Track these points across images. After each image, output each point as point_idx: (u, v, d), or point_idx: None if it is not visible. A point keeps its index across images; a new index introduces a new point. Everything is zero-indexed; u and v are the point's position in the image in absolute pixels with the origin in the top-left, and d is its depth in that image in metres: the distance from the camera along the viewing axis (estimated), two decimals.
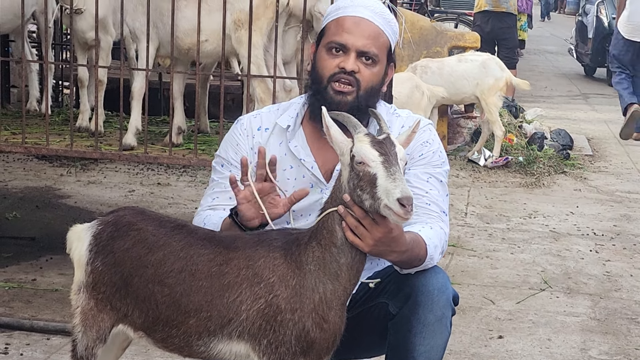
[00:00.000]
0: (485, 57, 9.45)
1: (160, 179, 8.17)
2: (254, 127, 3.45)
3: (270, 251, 2.99)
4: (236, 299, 2.96)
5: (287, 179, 3.37)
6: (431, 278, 3.25)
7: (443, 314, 3.26)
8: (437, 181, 3.35)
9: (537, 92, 15.39)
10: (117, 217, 3.18)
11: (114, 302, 3.12)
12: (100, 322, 3.15)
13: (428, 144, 3.38)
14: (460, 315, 5.34)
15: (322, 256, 2.94)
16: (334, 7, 3.38)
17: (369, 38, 3.27)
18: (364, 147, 2.82)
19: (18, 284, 5.47)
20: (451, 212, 7.52)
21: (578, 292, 5.91)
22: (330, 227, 2.94)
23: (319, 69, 3.32)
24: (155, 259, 3.05)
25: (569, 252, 6.75)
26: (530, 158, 9.45)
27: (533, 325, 5.31)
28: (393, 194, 2.73)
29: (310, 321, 2.95)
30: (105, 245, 3.13)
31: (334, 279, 2.95)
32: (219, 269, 2.99)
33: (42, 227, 6.60)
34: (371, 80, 3.30)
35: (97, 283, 3.13)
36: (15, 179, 7.94)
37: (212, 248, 3.03)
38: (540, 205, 8.07)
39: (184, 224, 3.15)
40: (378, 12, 3.32)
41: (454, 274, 6.09)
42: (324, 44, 3.31)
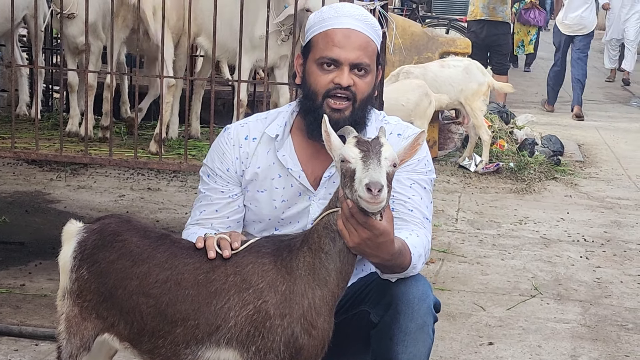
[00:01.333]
0: (467, 63, 9.43)
1: (151, 184, 8.15)
2: (241, 137, 3.43)
3: (259, 257, 2.98)
4: (224, 306, 2.95)
5: (275, 188, 3.37)
6: (412, 286, 3.25)
7: (424, 322, 3.25)
8: (421, 188, 3.34)
9: (528, 98, 15.40)
10: (102, 226, 3.17)
11: (100, 311, 3.11)
12: (84, 330, 3.13)
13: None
14: (450, 321, 5.34)
15: (312, 262, 2.95)
16: (317, 18, 3.34)
17: (360, 49, 3.26)
18: (348, 147, 2.86)
19: (6, 289, 5.45)
20: (442, 217, 7.55)
21: (568, 299, 5.90)
22: (320, 233, 2.94)
23: (311, 85, 3.29)
24: (140, 271, 3.04)
25: (559, 259, 6.74)
26: (521, 164, 9.45)
27: (523, 331, 5.30)
28: (362, 182, 2.76)
29: (299, 327, 2.94)
30: (90, 254, 3.12)
31: (322, 285, 2.95)
32: (205, 277, 2.98)
33: (32, 232, 6.57)
34: (366, 90, 3.30)
35: (82, 291, 3.12)
36: (4, 184, 7.91)
37: (197, 257, 3.03)
38: (531, 211, 8.06)
39: (167, 235, 3.14)
40: (362, 19, 3.31)
41: (445, 280, 6.08)
42: (314, 59, 3.29)
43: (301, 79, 3.37)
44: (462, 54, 10.18)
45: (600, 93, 16.72)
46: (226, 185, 3.39)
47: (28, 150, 5.41)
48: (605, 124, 13.16)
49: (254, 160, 3.38)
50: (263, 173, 3.35)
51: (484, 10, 12.12)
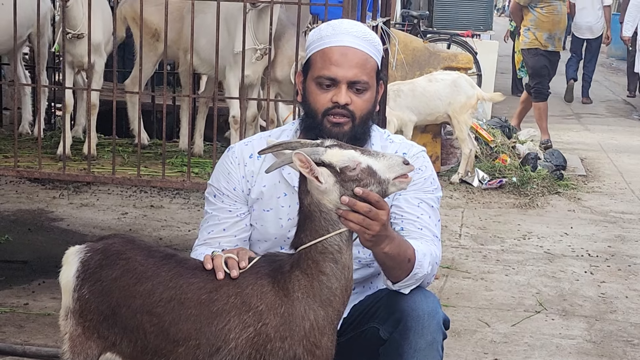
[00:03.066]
0: (455, 76, 9.41)
1: (154, 202, 8.14)
2: (246, 155, 3.44)
3: (258, 278, 2.97)
4: (224, 327, 2.94)
5: (281, 207, 3.37)
6: (421, 302, 3.25)
7: (434, 338, 3.25)
8: (429, 206, 3.35)
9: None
10: (106, 245, 3.17)
11: (102, 330, 3.10)
12: (88, 349, 3.13)
13: (420, 171, 3.40)
14: (455, 338, 5.32)
15: (310, 284, 2.92)
16: (315, 36, 3.35)
17: (357, 67, 3.26)
18: (343, 153, 2.87)
19: (10, 309, 5.44)
20: (445, 233, 7.53)
21: (573, 314, 5.89)
22: (314, 257, 2.92)
23: (311, 103, 3.31)
24: (144, 289, 3.03)
25: (563, 274, 6.72)
26: (523, 179, 9.43)
27: (529, 348, 5.28)
28: (395, 164, 2.89)
29: (301, 349, 2.93)
30: (92, 273, 3.11)
31: (326, 305, 2.94)
32: (208, 297, 2.97)
33: (35, 251, 6.57)
34: (365, 108, 3.31)
35: (84, 310, 3.11)
36: (7, 202, 7.91)
37: (202, 276, 3.02)
38: (535, 226, 8.05)
39: (173, 254, 3.13)
40: (361, 36, 3.31)
41: (449, 296, 6.06)
42: (313, 77, 3.30)
43: (302, 96, 3.38)
44: (464, 69, 10.20)
45: (601, 107, 16.71)
46: (234, 204, 3.39)
47: (31, 169, 5.41)
48: (607, 137, 13.15)
49: (259, 179, 3.38)
50: (269, 192, 3.35)
51: (550, 42, 11.52)
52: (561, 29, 11.66)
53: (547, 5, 11.32)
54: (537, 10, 11.36)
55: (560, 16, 11.43)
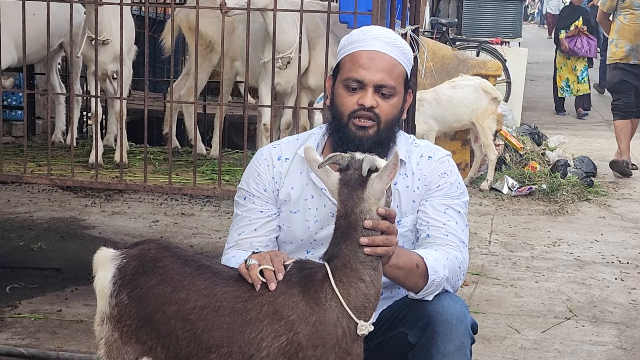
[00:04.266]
0: (478, 81, 9.40)
1: (184, 209, 8.20)
2: (274, 157, 3.48)
3: (289, 287, 2.98)
4: (257, 336, 2.96)
5: (308, 209, 3.39)
6: (449, 307, 3.27)
7: (462, 343, 3.27)
8: (455, 212, 3.37)
9: (560, 119, 15.36)
10: (142, 251, 3.19)
11: (140, 335, 3.13)
12: (125, 354, 3.15)
13: (446, 175, 3.41)
14: (485, 344, 5.32)
15: (347, 292, 2.93)
16: (346, 41, 3.39)
17: (384, 71, 3.29)
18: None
19: (44, 315, 5.49)
20: (474, 240, 7.53)
21: (604, 321, 5.87)
22: (354, 266, 2.93)
23: (338, 105, 3.35)
24: (179, 297, 3.06)
25: (594, 280, 6.70)
26: (553, 185, 9.41)
27: (559, 354, 5.27)
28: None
29: (333, 355, 2.94)
30: (131, 279, 3.13)
31: (360, 312, 2.95)
32: (243, 305, 2.99)
33: (67, 258, 6.62)
34: (390, 113, 3.33)
35: (122, 316, 3.14)
36: (40, 210, 7.99)
37: (237, 285, 3.03)
38: (565, 233, 8.03)
39: (208, 265, 3.15)
40: (391, 42, 3.35)
41: (479, 303, 6.06)
42: (341, 80, 3.35)
43: (330, 100, 3.42)
44: (493, 76, 10.19)
45: None
46: (264, 205, 3.42)
47: (64, 177, 5.46)
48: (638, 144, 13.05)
49: (287, 181, 3.41)
50: (296, 194, 3.38)
51: (632, 54, 10.52)
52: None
53: (630, 13, 10.42)
54: (620, 18, 10.51)
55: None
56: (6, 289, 5.90)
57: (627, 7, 10.34)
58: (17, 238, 7.09)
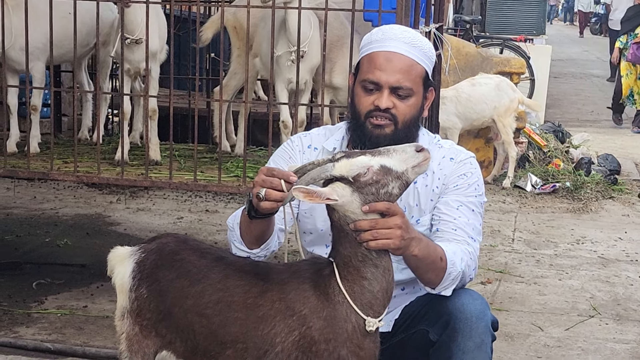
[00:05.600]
0: (497, 80, 9.40)
1: (209, 206, 8.24)
2: (305, 145, 3.53)
3: (300, 283, 3.01)
4: (270, 331, 2.99)
5: None
6: (469, 304, 3.28)
7: (482, 340, 3.27)
8: (469, 210, 3.37)
9: (584, 116, 15.31)
10: (160, 245, 3.23)
11: (159, 328, 3.17)
12: (145, 347, 3.19)
13: (465, 177, 3.42)
14: (508, 342, 5.33)
15: (352, 289, 2.95)
16: (366, 41, 3.41)
17: (400, 72, 3.30)
18: (351, 163, 2.88)
19: (70, 311, 5.55)
20: (498, 238, 7.55)
21: (628, 319, 5.86)
22: (355, 265, 2.95)
23: (356, 104, 3.38)
24: (196, 290, 3.09)
25: (617, 278, 6.70)
26: (577, 183, 9.39)
27: (582, 352, 5.28)
28: (409, 156, 2.88)
29: (345, 350, 2.96)
30: (150, 273, 3.17)
31: (367, 308, 2.96)
32: (254, 301, 3.02)
33: (93, 254, 6.67)
34: (408, 113, 3.34)
35: (142, 310, 3.17)
36: (65, 207, 8.05)
37: (248, 279, 3.06)
38: (588, 231, 8.02)
39: (223, 256, 3.18)
40: (409, 42, 3.35)
41: (502, 301, 6.07)
42: (359, 80, 3.37)
43: (350, 95, 3.45)
44: (517, 74, 10.18)
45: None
46: None
47: (90, 174, 5.50)
48: None
49: None
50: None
51: None
52: None
53: None
54: None
55: None
56: (33, 284, 5.97)
57: None
58: (43, 234, 7.16)
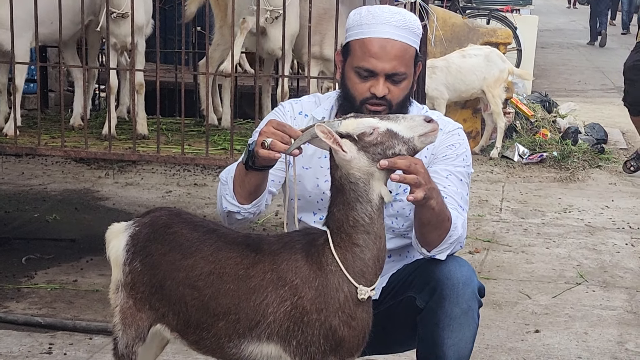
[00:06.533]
0: (487, 50, 9.42)
1: (197, 180, 8.24)
2: (296, 111, 3.54)
3: (292, 254, 3.01)
4: (262, 302, 2.99)
5: (320, 167, 3.43)
6: (456, 271, 3.30)
7: (469, 306, 3.30)
8: (457, 179, 3.39)
9: (571, 86, 15.33)
10: (153, 219, 3.24)
11: (153, 302, 3.17)
12: (139, 321, 3.20)
13: (453, 147, 3.44)
14: (496, 310, 5.37)
15: (344, 257, 2.96)
16: (355, 21, 3.37)
17: (395, 59, 3.30)
18: (358, 122, 2.91)
19: (60, 285, 5.56)
20: (486, 207, 7.58)
21: (614, 286, 5.90)
22: (347, 231, 2.95)
23: (350, 89, 3.36)
24: (187, 263, 3.10)
25: (604, 246, 6.74)
26: (564, 153, 9.43)
27: (569, 319, 5.32)
28: (417, 124, 2.89)
29: (337, 320, 2.97)
30: (143, 246, 3.18)
31: (359, 277, 2.97)
32: (245, 272, 3.02)
33: (82, 229, 6.68)
34: (402, 95, 3.36)
35: (135, 283, 3.18)
36: (54, 182, 8.05)
37: (240, 251, 3.07)
38: (575, 199, 8.06)
39: (215, 229, 3.18)
40: (400, 25, 3.32)
41: (490, 269, 6.11)
42: (352, 66, 3.34)
43: (341, 76, 3.43)
44: (503, 44, 10.16)
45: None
46: None
47: (78, 148, 5.51)
48: None
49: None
50: (311, 150, 3.36)
51: None
52: None
53: None
54: None
55: None
56: (22, 259, 5.98)
57: None
58: (32, 210, 7.16)
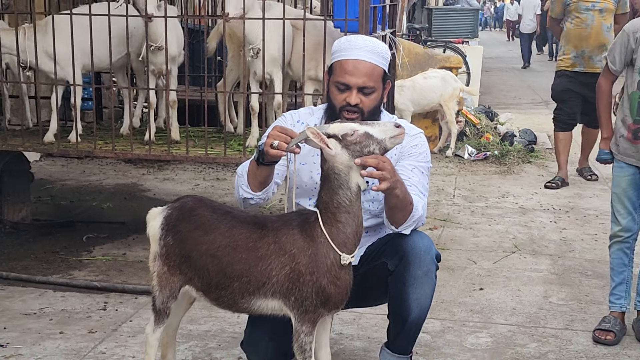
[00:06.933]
0: (443, 73, 9.40)
1: (219, 175, 8.24)
2: (295, 119, 3.54)
3: (290, 229, 3.04)
4: (267, 267, 3.01)
5: (314, 162, 3.44)
6: (419, 242, 3.33)
7: (429, 269, 3.33)
8: (419, 172, 3.41)
9: (508, 100, 15.27)
10: (182, 204, 3.26)
11: (182, 268, 3.19)
12: (172, 283, 3.22)
13: (417, 147, 3.46)
14: (450, 273, 5.38)
15: (330, 231, 2.98)
16: (336, 48, 3.41)
17: (365, 76, 3.31)
18: (342, 125, 2.93)
19: (112, 257, 5.57)
20: (441, 194, 7.57)
21: (541, 254, 5.91)
22: (332, 210, 2.97)
23: (332, 100, 3.39)
24: (209, 238, 3.11)
25: (533, 223, 6.74)
26: (503, 152, 9.41)
27: (506, 279, 5.33)
28: (388, 129, 2.91)
29: (325, 280, 2.99)
30: (174, 225, 3.19)
31: (342, 246, 2.99)
32: (254, 244, 3.04)
33: (129, 214, 6.68)
34: (372, 105, 3.37)
35: (169, 254, 3.20)
36: (108, 178, 8.04)
37: (249, 228, 3.09)
38: (511, 187, 8.05)
39: (230, 211, 3.21)
40: (370, 49, 3.35)
41: (445, 242, 6.11)
42: (333, 82, 3.37)
43: (327, 91, 3.45)
44: (455, 68, 10.16)
45: None
46: None
47: (125, 151, 5.50)
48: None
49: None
50: (306, 149, 3.37)
51: (578, 61, 7.80)
52: (591, 46, 7.69)
53: (575, 17, 7.79)
54: (567, 23, 7.87)
55: (589, 31, 7.67)
56: (83, 238, 5.99)
57: (573, 11, 7.76)
58: (91, 200, 7.16)
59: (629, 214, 4.32)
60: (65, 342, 4.18)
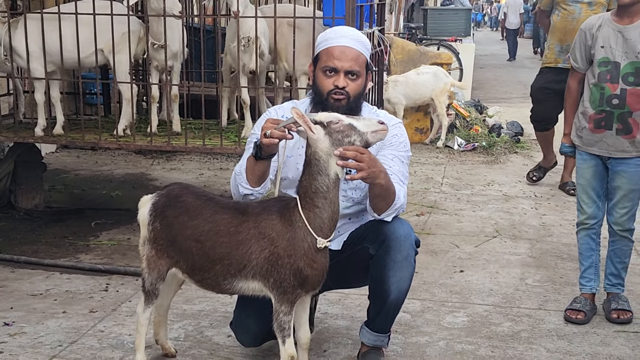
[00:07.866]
0: (435, 69, 9.35)
1: (222, 165, 8.20)
2: (279, 114, 3.49)
3: (269, 214, 3.01)
4: (248, 251, 2.99)
5: (299, 155, 3.39)
6: (399, 228, 3.29)
7: (408, 254, 3.30)
8: (400, 161, 3.37)
9: (500, 95, 15.20)
10: (168, 191, 3.24)
11: (169, 251, 3.17)
12: (159, 266, 3.20)
13: (396, 137, 3.42)
14: (433, 256, 5.33)
15: (308, 216, 2.95)
16: (322, 38, 3.39)
17: (352, 60, 3.29)
18: (329, 114, 2.92)
19: (117, 242, 5.55)
20: (430, 182, 7.52)
21: (520, 238, 5.86)
22: (310, 196, 2.94)
23: (319, 86, 3.34)
24: (193, 223, 3.09)
25: (515, 209, 6.69)
26: (490, 143, 9.36)
27: (486, 262, 5.28)
28: (372, 124, 2.89)
29: (302, 262, 2.96)
30: (161, 211, 3.17)
31: (318, 231, 2.96)
32: (235, 229, 3.02)
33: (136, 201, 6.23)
34: (357, 89, 3.33)
35: (156, 238, 3.18)
36: (118, 168, 8.02)
37: (230, 213, 3.06)
38: (497, 176, 8.00)
39: (213, 198, 3.19)
40: (355, 38, 3.34)
41: (431, 227, 6.06)
42: (320, 67, 3.33)
43: (312, 80, 3.40)
44: (446, 64, 10.10)
45: None
46: None
47: (128, 142, 5.47)
48: None
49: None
50: (292, 142, 3.33)
51: (562, 56, 6.86)
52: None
53: (563, 10, 6.87)
54: (554, 16, 6.96)
55: (575, 24, 6.61)
56: (92, 224, 5.96)
57: (561, 3, 6.87)
58: (101, 188, 7.14)
59: (594, 202, 4.28)
60: (67, 321, 4.16)
